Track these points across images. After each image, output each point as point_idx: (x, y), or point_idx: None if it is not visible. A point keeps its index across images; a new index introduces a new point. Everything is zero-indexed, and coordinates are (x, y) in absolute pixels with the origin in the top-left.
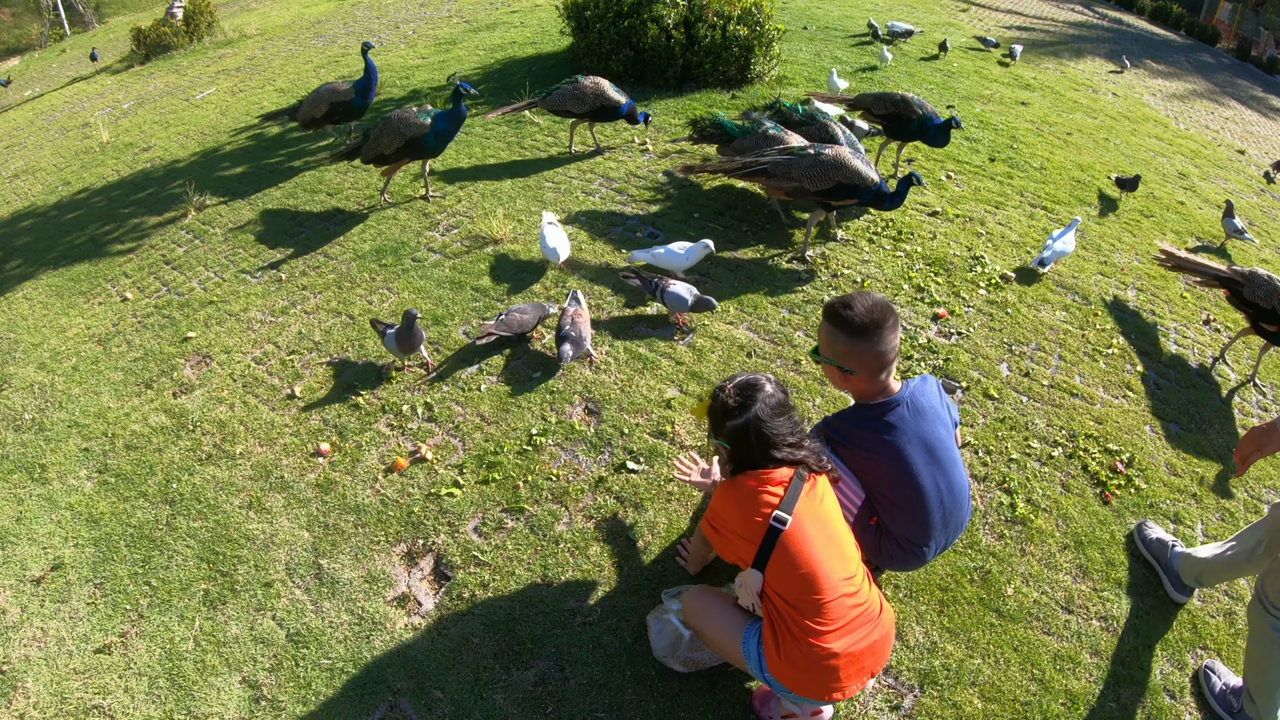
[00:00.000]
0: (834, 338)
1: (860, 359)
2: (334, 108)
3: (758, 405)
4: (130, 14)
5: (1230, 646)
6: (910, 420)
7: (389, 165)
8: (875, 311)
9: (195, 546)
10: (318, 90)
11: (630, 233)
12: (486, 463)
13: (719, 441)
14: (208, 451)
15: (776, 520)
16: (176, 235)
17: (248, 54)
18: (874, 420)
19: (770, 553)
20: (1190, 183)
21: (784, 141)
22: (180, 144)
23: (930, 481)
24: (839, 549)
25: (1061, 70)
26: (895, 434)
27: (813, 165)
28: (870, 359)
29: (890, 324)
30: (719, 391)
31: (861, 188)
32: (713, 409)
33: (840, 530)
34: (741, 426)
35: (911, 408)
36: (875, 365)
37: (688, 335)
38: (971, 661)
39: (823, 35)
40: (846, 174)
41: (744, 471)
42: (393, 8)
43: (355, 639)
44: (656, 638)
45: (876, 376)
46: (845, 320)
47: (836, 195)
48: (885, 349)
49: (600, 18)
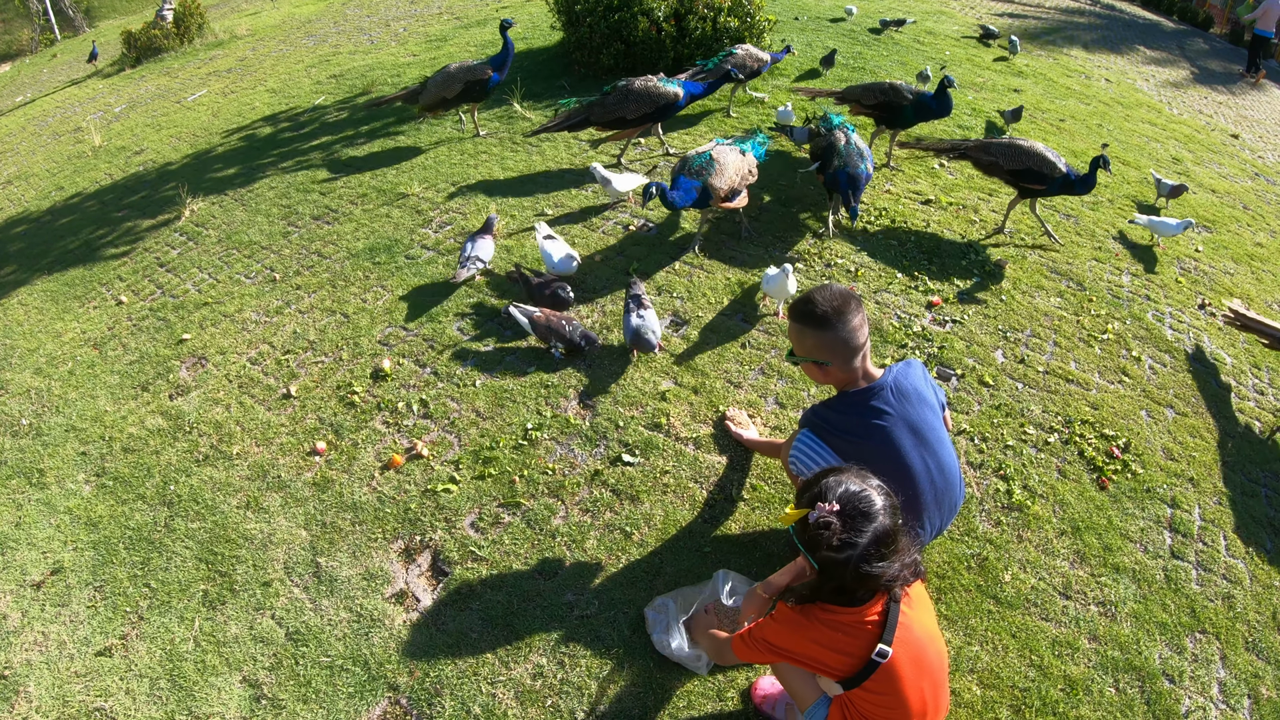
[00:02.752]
0: (802, 334)
1: (831, 348)
2: (470, 86)
3: (865, 541)
4: (120, 17)
5: (1229, 631)
6: (895, 404)
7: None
8: (836, 300)
9: (194, 547)
10: (447, 70)
11: (624, 226)
12: (482, 458)
13: (807, 556)
14: (205, 453)
15: (878, 654)
16: (170, 238)
17: (239, 55)
18: (859, 406)
19: (864, 680)
20: (1185, 167)
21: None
22: (172, 146)
23: (919, 462)
24: (933, 679)
25: (1054, 57)
26: (882, 418)
27: (1008, 148)
28: (840, 346)
29: (853, 309)
30: (816, 514)
31: (1049, 176)
32: (807, 531)
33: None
34: (839, 564)
35: (896, 392)
36: (846, 352)
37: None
38: (970, 649)
39: (814, 25)
40: (1035, 160)
41: (828, 602)
42: (383, 6)
43: (354, 636)
44: (655, 629)
45: (851, 363)
46: (809, 314)
47: (1025, 178)
48: (852, 334)
49: (591, 11)
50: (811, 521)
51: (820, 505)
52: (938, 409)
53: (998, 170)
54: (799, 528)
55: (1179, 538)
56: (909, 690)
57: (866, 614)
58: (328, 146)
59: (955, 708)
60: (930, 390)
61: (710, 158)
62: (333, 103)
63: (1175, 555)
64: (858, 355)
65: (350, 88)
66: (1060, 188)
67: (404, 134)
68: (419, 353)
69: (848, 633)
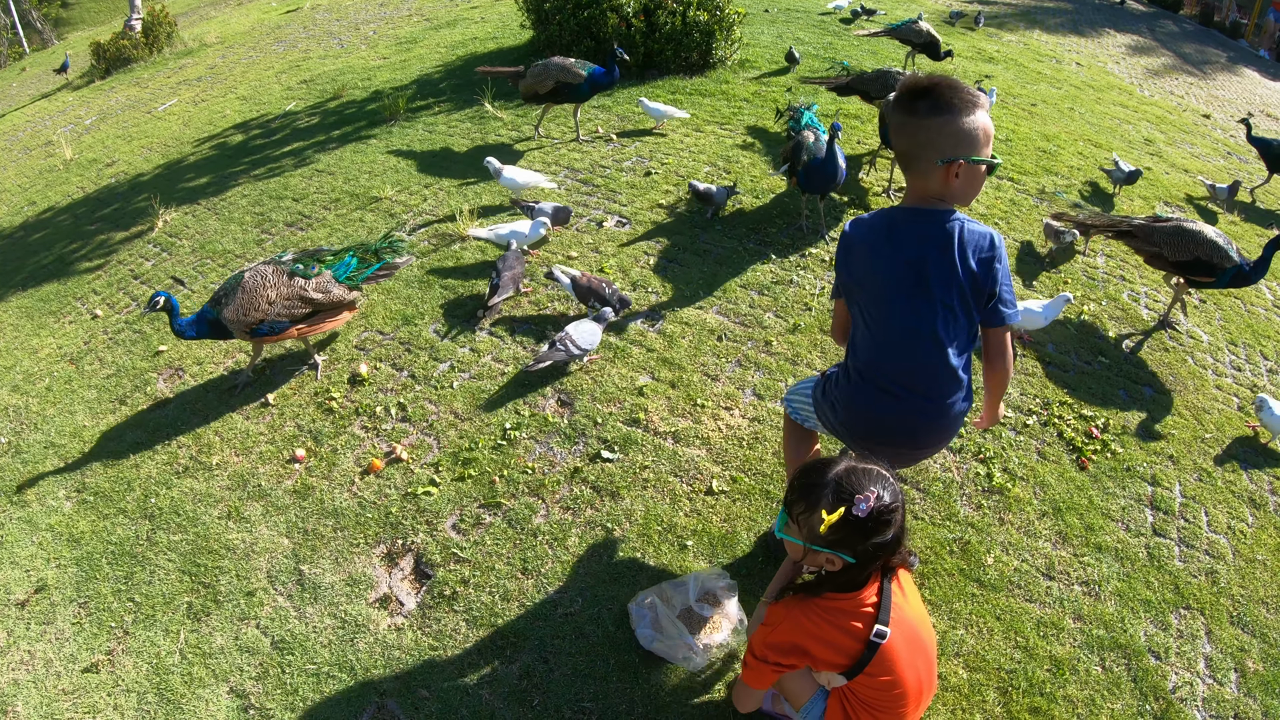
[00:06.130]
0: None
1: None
2: (560, 86)
3: (901, 510)
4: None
5: (1213, 606)
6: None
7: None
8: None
9: (176, 560)
10: (547, 63)
11: (597, 223)
12: (462, 459)
13: (840, 555)
14: (184, 464)
15: (876, 635)
16: (144, 249)
17: (208, 63)
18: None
19: (865, 666)
20: (1157, 148)
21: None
22: (144, 157)
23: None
24: (927, 658)
25: (1024, 42)
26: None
27: (1174, 235)
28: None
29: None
30: (865, 506)
31: (1219, 266)
32: (850, 524)
33: (927, 631)
34: (887, 544)
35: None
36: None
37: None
38: (954, 633)
39: (784, 17)
40: (1205, 250)
41: (831, 591)
42: (352, 9)
43: (340, 643)
44: (639, 624)
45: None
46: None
47: (1193, 270)
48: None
49: (560, 9)
50: (864, 514)
51: (859, 498)
52: (964, 289)
53: (1161, 262)
54: (834, 530)
55: (1160, 515)
56: (905, 671)
57: (864, 598)
58: (299, 152)
59: (942, 691)
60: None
61: (239, 279)
62: (304, 108)
63: (1157, 532)
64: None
65: (321, 92)
66: (1231, 280)
67: (376, 137)
68: (396, 356)
69: (849, 618)
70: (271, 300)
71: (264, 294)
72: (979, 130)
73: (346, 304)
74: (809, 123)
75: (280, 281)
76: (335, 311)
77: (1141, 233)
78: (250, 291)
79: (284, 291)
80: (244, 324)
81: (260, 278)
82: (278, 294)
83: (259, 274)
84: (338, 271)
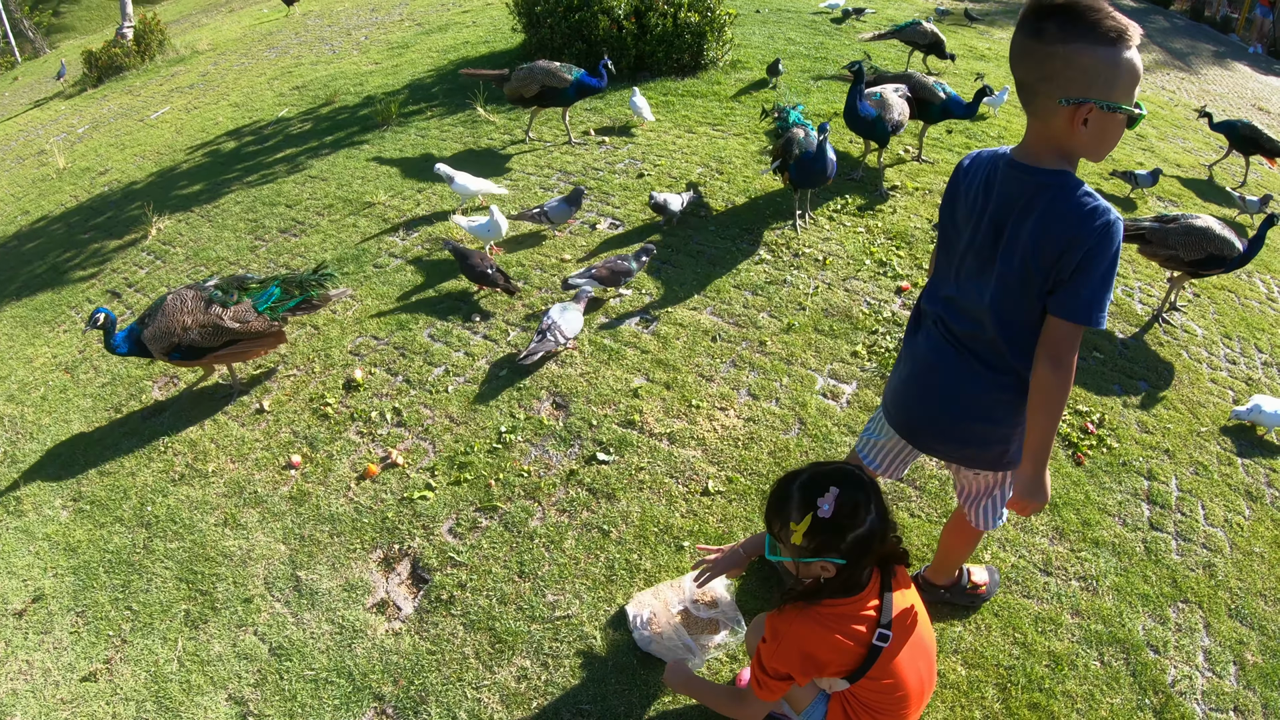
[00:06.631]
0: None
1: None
2: (546, 90)
3: (874, 498)
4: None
5: (1211, 599)
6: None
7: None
8: None
9: (174, 567)
10: (533, 67)
11: (591, 226)
12: (457, 463)
13: (830, 560)
14: (180, 471)
15: (879, 638)
16: (138, 257)
17: (200, 70)
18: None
19: (868, 670)
20: (1149, 144)
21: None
22: (137, 165)
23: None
24: (927, 658)
25: None
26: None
27: (1186, 235)
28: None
29: None
30: (826, 506)
31: (1228, 256)
32: (821, 526)
33: (927, 631)
34: (867, 537)
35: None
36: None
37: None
38: (953, 629)
39: (775, 18)
40: (1216, 245)
41: (830, 596)
42: (344, 15)
43: (338, 648)
44: (637, 626)
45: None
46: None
47: (1207, 265)
48: None
49: (551, 12)
50: (827, 514)
51: (821, 499)
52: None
53: (1177, 263)
54: (816, 540)
55: (1157, 509)
56: (907, 672)
57: (866, 600)
58: (292, 159)
59: (941, 688)
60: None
61: (162, 301)
62: (296, 114)
63: (1154, 527)
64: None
65: (313, 98)
66: (1239, 263)
67: (368, 143)
68: (390, 361)
69: (852, 623)
70: (187, 326)
71: (180, 319)
72: (1123, 68)
73: (270, 334)
74: (796, 120)
75: (198, 308)
76: (259, 341)
77: (1155, 237)
78: (168, 315)
79: (200, 318)
80: (159, 346)
81: (180, 301)
82: (194, 320)
83: (180, 297)
84: (259, 301)
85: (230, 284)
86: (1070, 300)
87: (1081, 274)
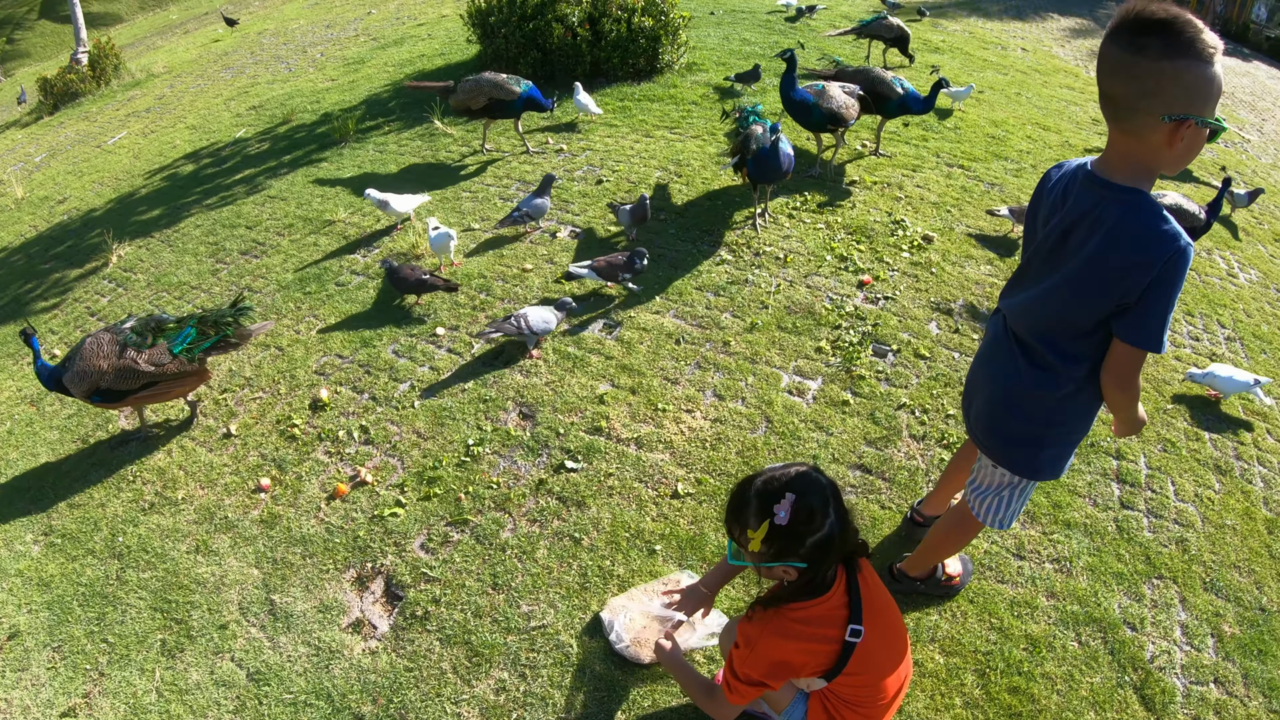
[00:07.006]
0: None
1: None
2: (494, 103)
3: (834, 505)
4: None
5: (1185, 574)
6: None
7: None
8: None
9: (148, 597)
10: (479, 78)
11: (551, 234)
12: (426, 478)
13: (790, 564)
14: (150, 500)
15: (852, 635)
16: (99, 286)
17: (156, 94)
18: None
19: (843, 667)
20: (1104, 129)
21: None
22: (95, 192)
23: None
24: (901, 648)
25: (969, 31)
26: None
27: None
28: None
29: None
30: (783, 513)
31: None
32: (779, 532)
33: (897, 620)
34: (827, 540)
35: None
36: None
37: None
38: (929, 618)
39: (730, 19)
40: (1187, 219)
41: (798, 599)
42: (299, 32)
43: (315, 670)
44: (612, 631)
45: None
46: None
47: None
48: None
49: (505, 22)
50: (784, 521)
51: (777, 506)
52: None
53: None
54: (776, 545)
55: (1127, 488)
56: (883, 664)
57: (834, 599)
58: (251, 179)
59: (920, 677)
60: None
61: (81, 345)
62: (253, 134)
63: (1125, 505)
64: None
65: (271, 118)
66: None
67: (327, 160)
68: (356, 379)
69: (822, 624)
70: (103, 370)
71: (96, 363)
72: (1215, 84)
73: (191, 374)
74: (756, 119)
75: (113, 352)
76: (180, 381)
77: None
78: (85, 359)
79: (114, 363)
80: (79, 390)
81: (96, 345)
82: (109, 364)
83: (97, 341)
84: (174, 343)
85: (145, 326)
86: (1138, 327)
87: (1149, 300)
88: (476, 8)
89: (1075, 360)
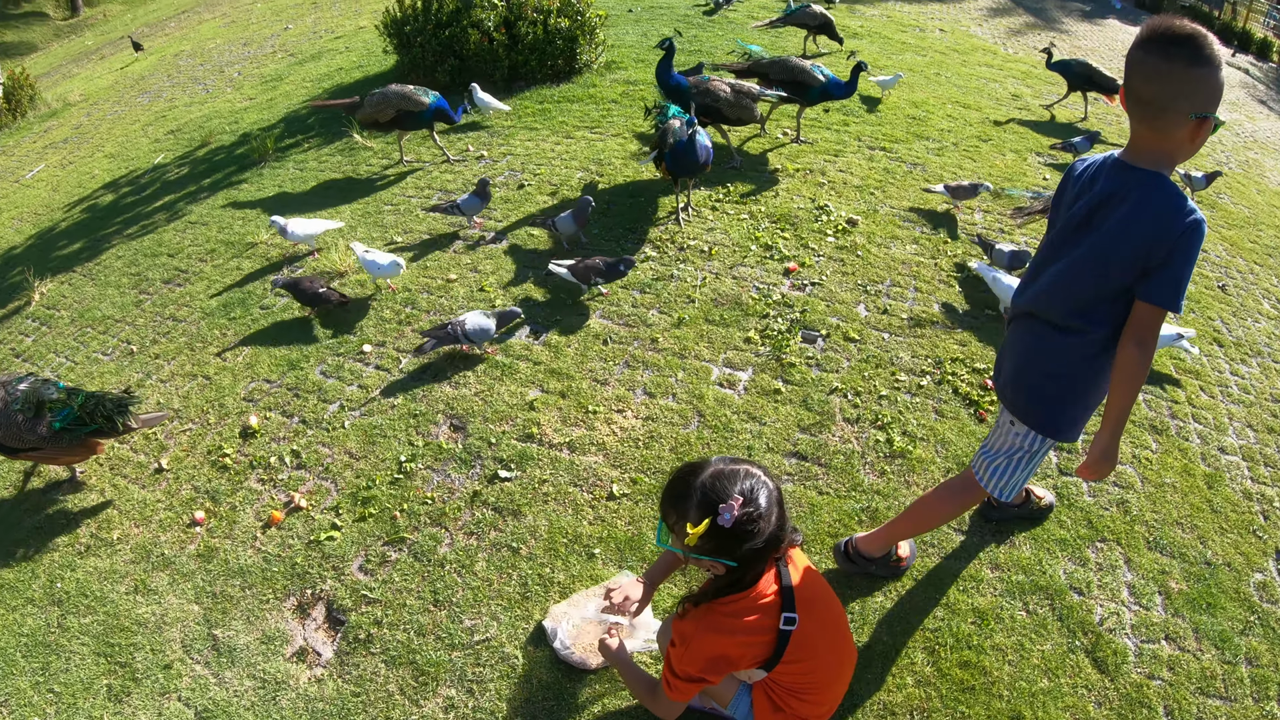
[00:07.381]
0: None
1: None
2: (402, 115)
3: (776, 513)
4: None
5: (1128, 535)
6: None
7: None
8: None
9: (90, 643)
10: (385, 91)
11: (472, 245)
12: (361, 499)
13: (721, 561)
14: (86, 543)
15: (786, 623)
16: (23, 325)
17: (74, 123)
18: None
19: (781, 656)
20: (1024, 103)
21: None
22: (14, 229)
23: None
24: (839, 631)
25: (886, 15)
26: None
27: None
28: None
29: None
30: (728, 515)
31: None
32: (719, 533)
33: (832, 604)
34: (763, 545)
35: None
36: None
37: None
38: (874, 600)
39: (649, 15)
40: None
41: (727, 594)
42: (216, 51)
43: (263, 703)
44: (556, 639)
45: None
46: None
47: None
48: None
49: (420, 31)
50: (728, 524)
51: (723, 507)
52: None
53: None
54: (704, 539)
55: (1064, 454)
56: (822, 649)
57: (763, 590)
58: (171, 205)
59: (869, 659)
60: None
61: None
62: (172, 159)
63: (1063, 472)
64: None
65: (189, 141)
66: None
67: (247, 181)
68: (285, 403)
69: (753, 615)
70: None
71: None
72: (1223, 86)
73: (80, 447)
74: (676, 114)
75: (3, 410)
76: (68, 452)
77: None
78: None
79: (3, 419)
80: None
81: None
82: None
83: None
84: (56, 418)
85: (32, 394)
86: (1159, 288)
87: (1169, 265)
88: (392, 18)
89: (1099, 323)
